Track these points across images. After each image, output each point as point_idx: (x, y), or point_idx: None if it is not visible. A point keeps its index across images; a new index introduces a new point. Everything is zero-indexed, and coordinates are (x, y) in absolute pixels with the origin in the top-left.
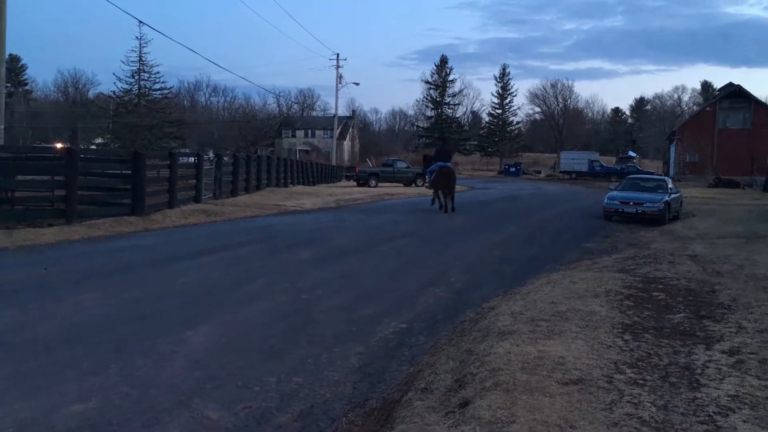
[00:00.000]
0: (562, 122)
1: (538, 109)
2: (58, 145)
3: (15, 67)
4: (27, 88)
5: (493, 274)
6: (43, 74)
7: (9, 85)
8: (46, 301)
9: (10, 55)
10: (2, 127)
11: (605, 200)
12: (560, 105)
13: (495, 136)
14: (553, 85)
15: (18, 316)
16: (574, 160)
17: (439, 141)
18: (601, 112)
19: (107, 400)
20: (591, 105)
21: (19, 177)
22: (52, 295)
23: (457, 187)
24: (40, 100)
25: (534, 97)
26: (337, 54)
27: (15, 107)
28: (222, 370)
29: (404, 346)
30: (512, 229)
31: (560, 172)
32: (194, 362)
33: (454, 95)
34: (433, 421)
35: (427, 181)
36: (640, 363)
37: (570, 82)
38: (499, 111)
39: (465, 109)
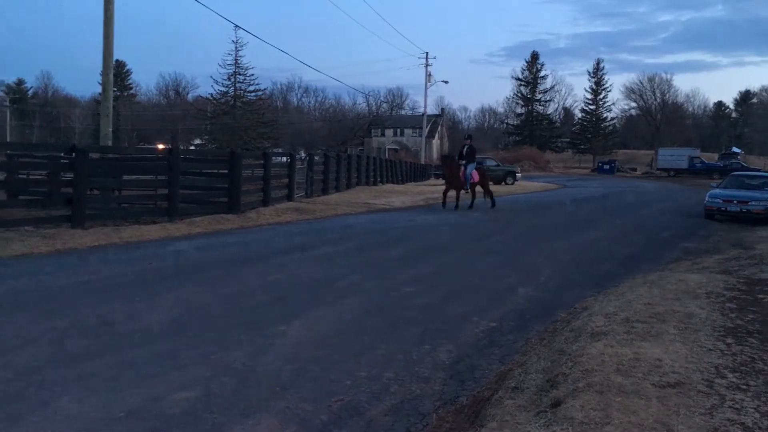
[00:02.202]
0: (660, 117)
1: (634, 105)
2: (160, 146)
3: (120, 72)
4: (132, 92)
5: (586, 274)
6: (146, 78)
7: (115, 89)
8: (151, 294)
9: (117, 60)
10: (110, 129)
11: (707, 198)
12: (658, 100)
13: (588, 132)
14: (651, 79)
15: (125, 308)
16: (673, 156)
17: (468, 138)
18: (702, 107)
19: (208, 389)
20: (691, 99)
21: (125, 177)
22: (156, 289)
23: (549, 185)
24: (144, 103)
25: (630, 91)
26: (426, 53)
27: (120, 110)
28: (315, 364)
29: (494, 345)
30: (606, 228)
31: (658, 169)
32: (288, 355)
33: (546, 91)
34: (524, 420)
35: (466, 183)
36: (743, 367)
37: (668, 76)
38: (593, 107)
39: (557, 105)
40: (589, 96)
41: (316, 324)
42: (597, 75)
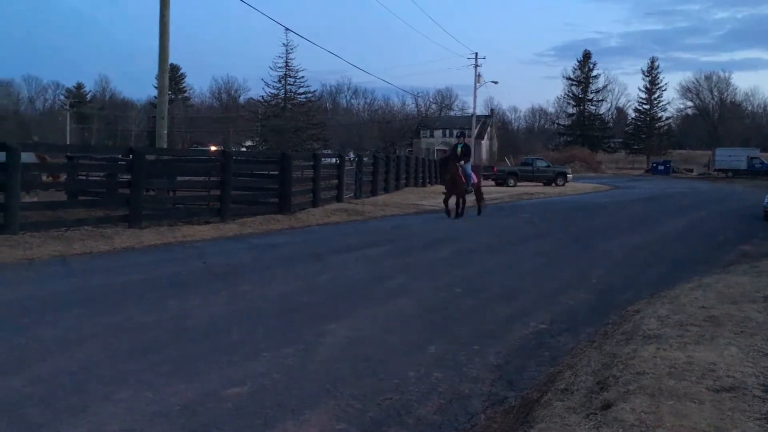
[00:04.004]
0: (718, 117)
1: (690, 104)
2: (212, 148)
3: (175, 75)
4: (186, 95)
5: (639, 277)
6: (199, 81)
7: (170, 92)
8: (205, 292)
9: (171, 64)
10: (165, 132)
11: (766, 200)
12: (715, 99)
13: (642, 132)
14: (708, 78)
15: (181, 305)
16: (731, 157)
17: (461, 136)
18: (762, 106)
19: (260, 385)
20: (750, 98)
21: (179, 178)
22: (210, 287)
23: (601, 186)
24: (197, 106)
25: (686, 90)
26: (476, 53)
27: (175, 113)
28: (364, 362)
29: (543, 347)
30: (660, 230)
31: (715, 170)
32: (338, 353)
33: (598, 91)
34: (574, 422)
35: (468, 184)
36: None
37: (726, 74)
38: (647, 106)
39: (609, 105)
40: (643, 95)
41: (365, 323)
42: (651, 74)
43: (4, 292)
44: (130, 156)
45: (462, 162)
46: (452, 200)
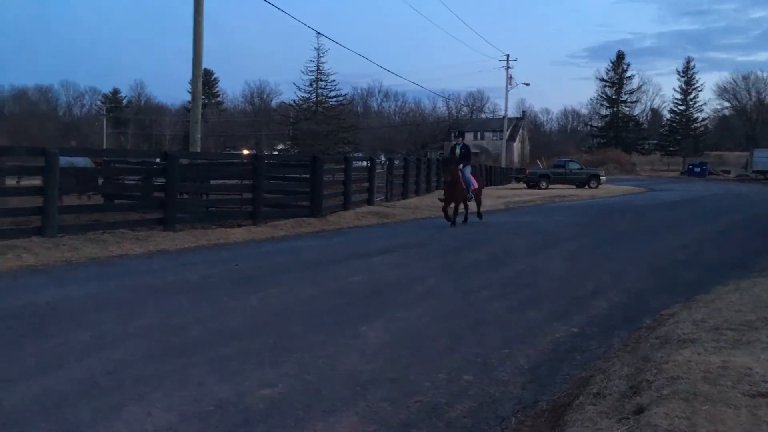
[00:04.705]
0: (756, 117)
1: (727, 104)
2: (245, 152)
3: (208, 80)
4: (219, 99)
5: (673, 280)
6: (232, 86)
7: (203, 97)
8: (237, 294)
9: (205, 69)
10: (199, 136)
11: None
12: (753, 99)
13: (677, 134)
14: (745, 78)
15: (213, 307)
16: None
17: (459, 136)
18: None
19: (291, 387)
20: None
21: (212, 181)
22: (242, 289)
23: (635, 189)
24: (230, 110)
25: (723, 91)
26: (507, 55)
27: (208, 117)
28: (394, 365)
29: (575, 351)
30: (695, 234)
31: (753, 171)
32: (368, 356)
33: (632, 92)
34: (606, 426)
35: (468, 190)
36: None
37: (764, 74)
38: (683, 107)
39: (644, 106)
40: (679, 96)
41: (395, 325)
42: (687, 74)
43: (42, 293)
44: (165, 160)
45: (461, 165)
46: (451, 207)
